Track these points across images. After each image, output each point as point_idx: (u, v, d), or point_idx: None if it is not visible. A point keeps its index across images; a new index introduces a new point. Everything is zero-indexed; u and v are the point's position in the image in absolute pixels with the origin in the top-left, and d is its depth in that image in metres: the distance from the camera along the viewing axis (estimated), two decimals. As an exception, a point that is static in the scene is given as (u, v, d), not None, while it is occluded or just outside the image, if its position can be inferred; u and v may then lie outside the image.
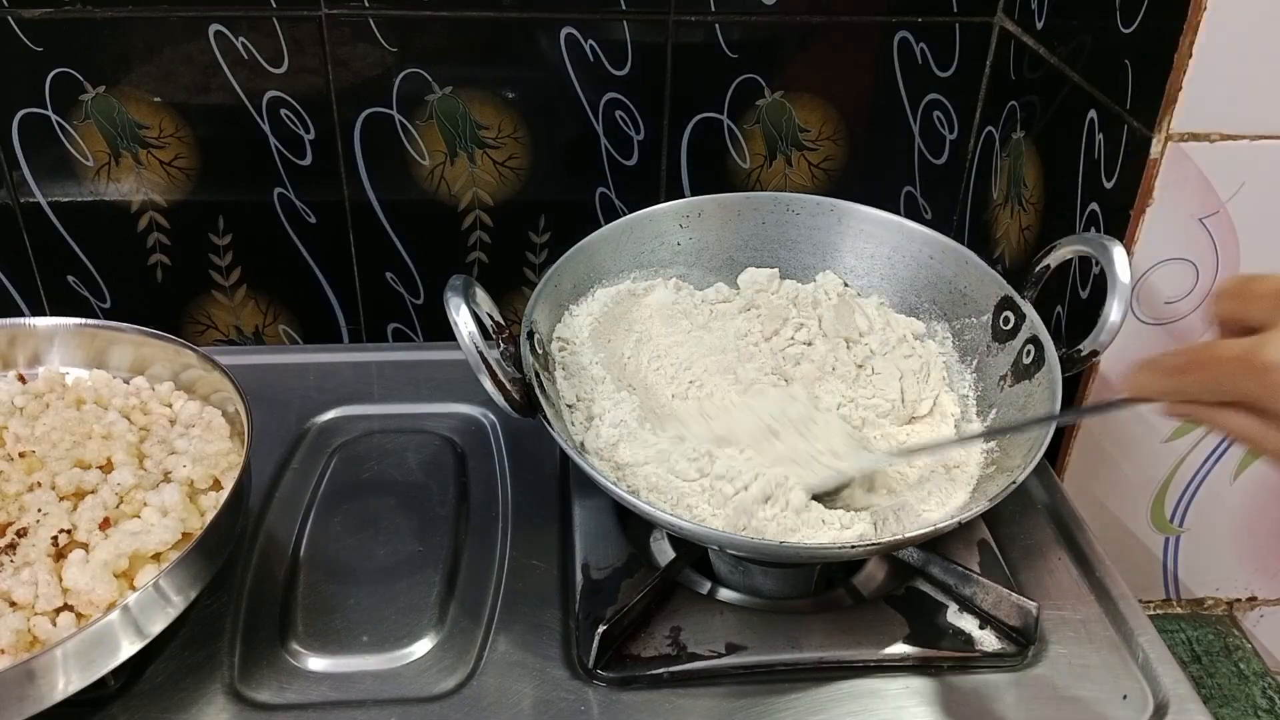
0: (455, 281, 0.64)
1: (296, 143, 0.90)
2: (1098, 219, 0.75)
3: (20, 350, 0.75)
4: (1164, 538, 0.86)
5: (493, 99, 0.89)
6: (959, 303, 0.78)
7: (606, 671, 0.62)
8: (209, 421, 0.70)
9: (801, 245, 0.83)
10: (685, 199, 0.82)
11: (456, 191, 0.93)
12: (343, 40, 0.85)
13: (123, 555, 0.58)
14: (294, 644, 0.64)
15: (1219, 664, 0.85)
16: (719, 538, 0.62)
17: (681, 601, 0.66)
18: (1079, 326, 0.73)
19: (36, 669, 0.52)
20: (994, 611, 0.65)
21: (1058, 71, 0.80)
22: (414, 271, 0.97)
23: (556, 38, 0.87)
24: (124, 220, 0.92)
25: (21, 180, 0.89)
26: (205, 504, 0.65)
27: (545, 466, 0.78)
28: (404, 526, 0.73)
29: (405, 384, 0.87)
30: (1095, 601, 0.69)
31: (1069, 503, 0.77)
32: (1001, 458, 0.68)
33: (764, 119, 0.93)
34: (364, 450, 0.80)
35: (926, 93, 0.93)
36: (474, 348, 0.62)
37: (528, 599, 0.68)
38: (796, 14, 0.88)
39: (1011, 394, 0.72)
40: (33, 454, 0.65)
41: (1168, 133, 0.68)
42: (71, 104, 0.86)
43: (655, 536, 0.73)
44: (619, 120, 0.91)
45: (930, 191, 0.99)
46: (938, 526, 0.60)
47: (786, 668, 0.63)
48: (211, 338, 0.99)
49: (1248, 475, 0.83)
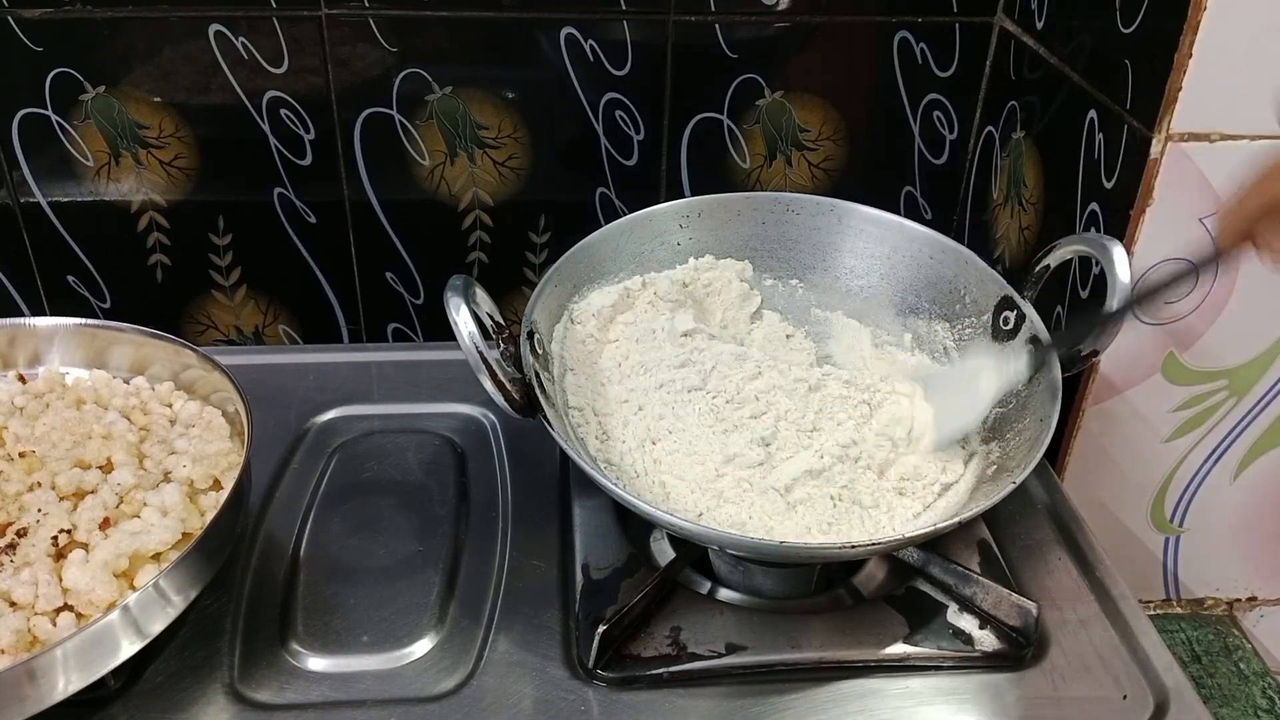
0: (455, 281, 0.64)
1: (296, 143, 0.90)
2: (1098, 219, 0.75)
3: (20, 350, 0.75)
4: (1164, 537, 0.86)
5: (493, 99, 0.89)
6: (959, 303, 0.78)
7: (606, 671, 0.62)
8: (209, 421, 0.70)
9: (801, 245, 0.83)
10: (685, 199, 0.82)
11: (456, 191, 0.93)
12: (343, 40, 0.85)
13: (123, 555, 0.58)
14: (294, 644, 0.64)
15: (1219, 664, 0.85)
16: (719, 538, 0.62)
17: (681, 601, 0.66)
18: (1079, 326, 0.73)
19: (36, 669, 0.52)
20: (994, 611, 0.65)
21: (1058, 71, 0.80)
22: (414, 271, 0.97)
23: (556, 38, 0.87)
24: (124, 220, 0.92)
25: (21, 180, 0.89)
26: (205, 504, 0.65)
27: (545, 466, 0.78)
28: (404, 526, 0.73)
29: (405, 384, 0.87)
30: (1095, 601, 0.69)
31: (1069, 503, 0.77)
32: (1002, 458, 0.69)
33: (764, 119, 0.93)
34: (364, 450, 0.80)
35: (926, 93, 0.93)
36: (474, 348, 0.62)
37: (528, 599, 0.68)
38: (796, 14, 0.88)
39: (1011, 394, 0.72)
40: (33, 454, 0.65)
41: (1168, 133, 0.68)
42: (71, 104, 0.86)
43: (655, 536, 0.73)
44: (619, 120, 0.91)
45: (930, 191, 0.99)
46: (938, 526, 0.60)
47: (786, 668, 0.63)
48: (211, 338, 0.99)
49: (1248, 475, 0.83)
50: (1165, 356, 0.77)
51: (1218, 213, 0.48)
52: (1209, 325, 0.75)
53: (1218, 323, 0.75)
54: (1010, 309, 0.74)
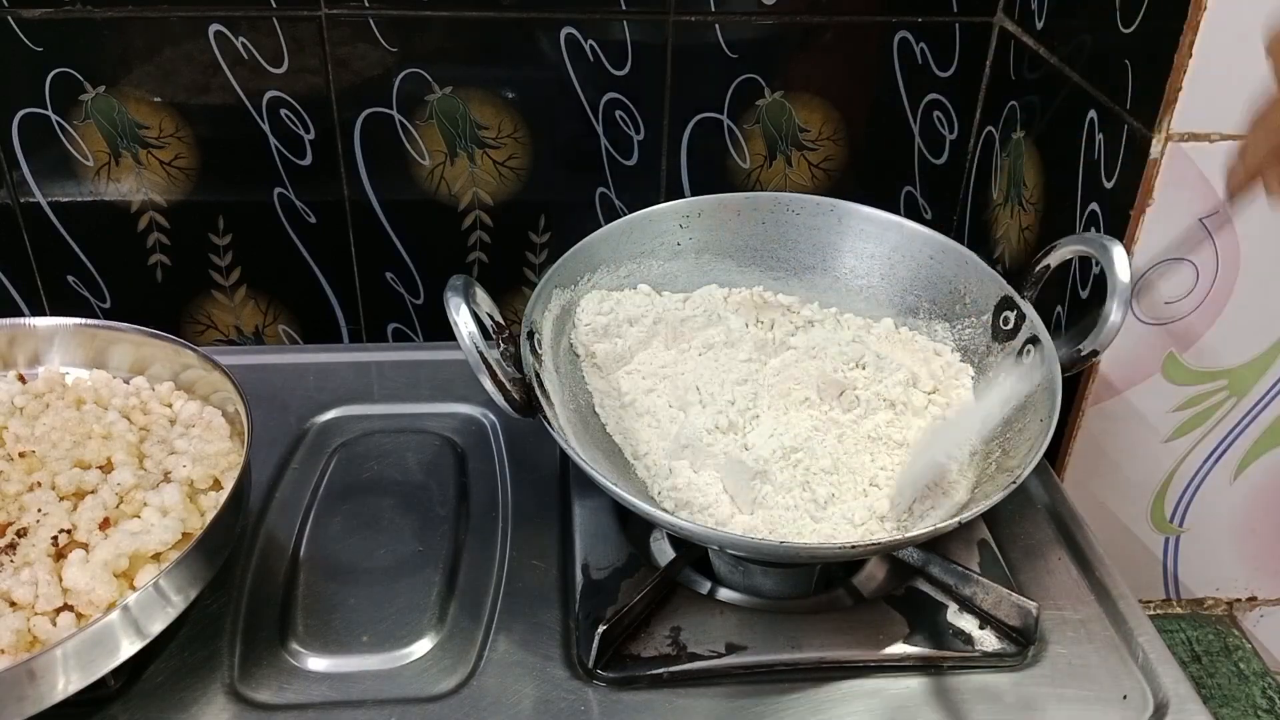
0: (455, 281, 0.64)
1: (296, 143, 0.90)
2: (1098, 219, 0.75)
3: (20, 350, 0.75)
4: (1164, 537, 0.86)
5: (493, 99, 0.89)
6: (959, 303, 0.78)
7: (606, 671, 0.62)
8: (209, 421, 0.70)
9: (801, 245, 0.83)
10: (685, 199, 0.82)
11: (456, 191, 0.93)
12: (343, 40, 0.85)
13: (123, 555, 0.58)
14: (294, 644, 0.64)
15: (1219, 664, 0.85)
16: (719, 538, 0.62)
17: (681, 601, 0.66)
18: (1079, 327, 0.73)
19: (36, 669, 0.52)
20: (994, 611, 0.65)
21: (1058, 71, 0.80)
22: (414, 271, 0.97)
23: (556, 38, 0.87)
24: (124, 220, 0.92)
25: (21, 180, 0.89)
26: (205, 504, 0.65)
27: (545, 466, 0.78)
28: (404, 526, 0.73)
29: (405, 384, 0.87)
30: (1095, 601, 0.69)
31: (1069, 503, 0.77)
32: (1002, 457, 0.68)
33: (764, 119, 0.93)
34: (364, 450, 0.80)
35: (926, 93, 0.93)
36: (474, 348, 0.62)
37: (528, 599, 0.68)
38: (796, 14, 0.88)
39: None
40: (33, 454, 0.65)
41: (1168, 133, 0.68)
42: (71, 104, 0.86)
43: (655, 536, 0.73)
44: (619, 120, 0.91)
45: (930, 191, 0.99)
46: (938, 526, 0.60)
47: (786, 668, 0.63)
48: (211, 338, 0.99)
49: (1248, 475, 0.83)
50: (1165, 356, 0.77)
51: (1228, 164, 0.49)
52: (1209, 325, 0.75)
53: (1218, 323, 0.75)
54: (1010, 309, 0.74)
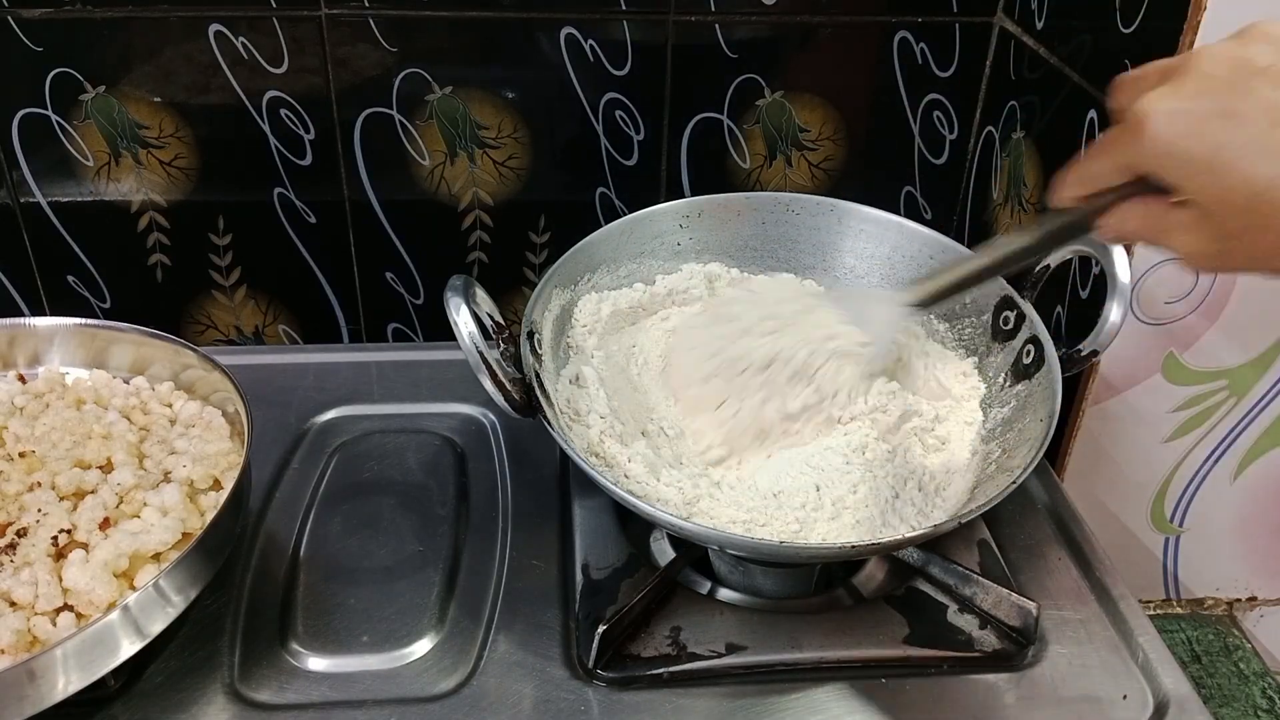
0: (455, 281, 0.64)
1: (296, 143, 0.90)
2: (1098, 219, 0.75)
3: (20, 350, 0.75)
4: (1164, 537, 0.86)
5: (493, 99, 0.89)
6: (959, 303, 0.78)
7: (606, 671, 0.62)
8: (209, 421, 0.70)
9: (801, 245, 0.83)
10: (685, 199, 0.82)
11: (456, 191, 0.93)
12: (343, 40, 0.85)
13: (123, 555, 0.58)
14: (294, 644, 0.64)
15: (1219, 664, 0.85)
16: (719, 538, 0.62)
17: (681, 601, 0.66)
18: (1079, 326, 0.73)
19: (36, 669, 0.52)
20: (994, 611, 0.65)
21: (1058, 71, 0.80)
22: (414, 271, 0.97)
23: (556, 38, 0.87)
24: (124, 220, 0.92)
25: (21, 180, 0.89)
26: (205, 504, 0.65)
27: (545, 466, 0.78)
28: (404, 526, 0.73)
29: (405, 384, 0.87)
30: (1095, 601, 0.69)
31: (1069, 503, 0.77)
32: (1002, 457, 0.68)
33: (764, 119, 0.93)
34: (364, 450, 0.80)
35: (926, 93, 0.93)
36: (474, 348, 0.62)
37: (528, 599, 0.68)
38: (796, 14, 0.88)
39: (1011, 393, 0.72)
40: (33, 454, 0.65)
41: (1168, 133, 0.68)
42: (71, 104, 0.86)
43: (655, 536, 0.73)
44: (619, 120, 0.91)
45: (930, 191, 0.99)
46: (938, 526, 0.60)
47: (786, 668, 0.63)
48: (211, 338, 0.99)
49: (1248, 475, 0.83)
50: (1165, 356, 0.77)
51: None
52: (1209, 325, 0.75)
53: (1218, 323, 0.75)
54: (1010, 309, 0.74)
